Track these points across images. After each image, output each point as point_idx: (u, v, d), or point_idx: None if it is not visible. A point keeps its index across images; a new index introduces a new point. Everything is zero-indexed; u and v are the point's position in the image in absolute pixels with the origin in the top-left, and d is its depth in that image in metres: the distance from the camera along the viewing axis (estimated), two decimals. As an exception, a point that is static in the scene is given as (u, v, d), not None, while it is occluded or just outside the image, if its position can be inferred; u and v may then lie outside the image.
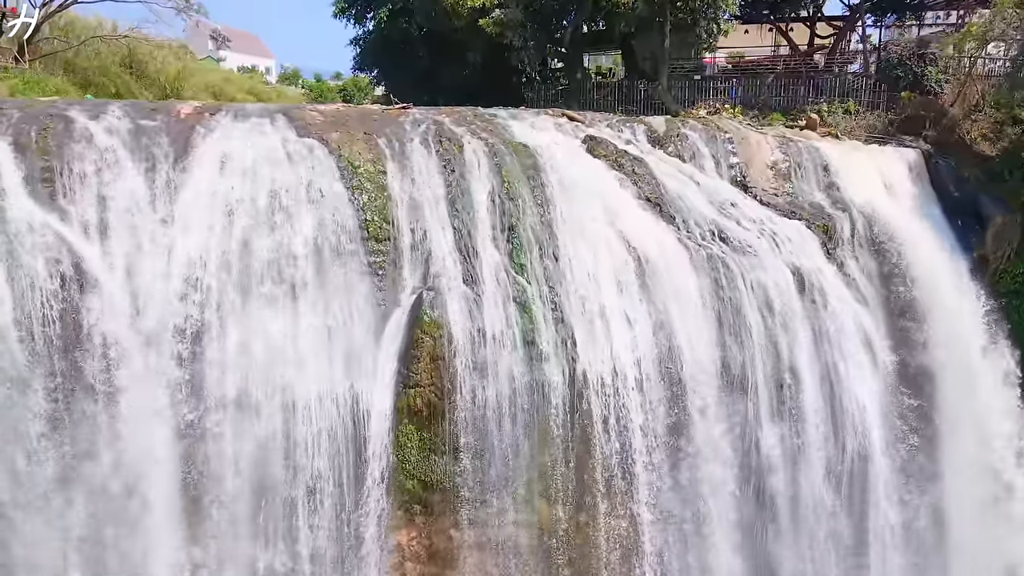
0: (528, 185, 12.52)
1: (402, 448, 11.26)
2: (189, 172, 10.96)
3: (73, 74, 24.15)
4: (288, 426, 10.58)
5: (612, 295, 11.96)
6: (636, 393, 11.70)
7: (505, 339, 11.27)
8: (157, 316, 10.23)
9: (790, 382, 12.87)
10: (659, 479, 11.97)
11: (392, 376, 11.07)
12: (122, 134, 11.08)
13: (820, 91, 20.47)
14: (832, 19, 26.30)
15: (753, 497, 12.68)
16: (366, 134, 12.42)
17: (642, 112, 20.67)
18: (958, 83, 18.87)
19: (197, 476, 10.23)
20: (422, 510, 11.51)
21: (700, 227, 13.40)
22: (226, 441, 10.31)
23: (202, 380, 10.30)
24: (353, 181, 11.66)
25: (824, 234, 14.55)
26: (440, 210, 11.92)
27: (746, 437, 12.62)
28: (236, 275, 10.60)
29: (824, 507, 12.99)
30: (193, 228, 10.60)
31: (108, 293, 10.12)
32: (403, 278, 11.46)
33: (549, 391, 11.41)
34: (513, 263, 11.88)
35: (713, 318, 12.47)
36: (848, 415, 13.14)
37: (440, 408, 11.17)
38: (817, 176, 15.87)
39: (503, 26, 19.97)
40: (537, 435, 11.52)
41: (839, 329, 13.39)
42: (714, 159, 15.47)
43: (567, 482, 11.68)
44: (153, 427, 10.01)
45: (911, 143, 17.94)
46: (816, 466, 12.82)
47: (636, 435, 11.70)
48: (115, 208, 10.48)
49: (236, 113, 12.24)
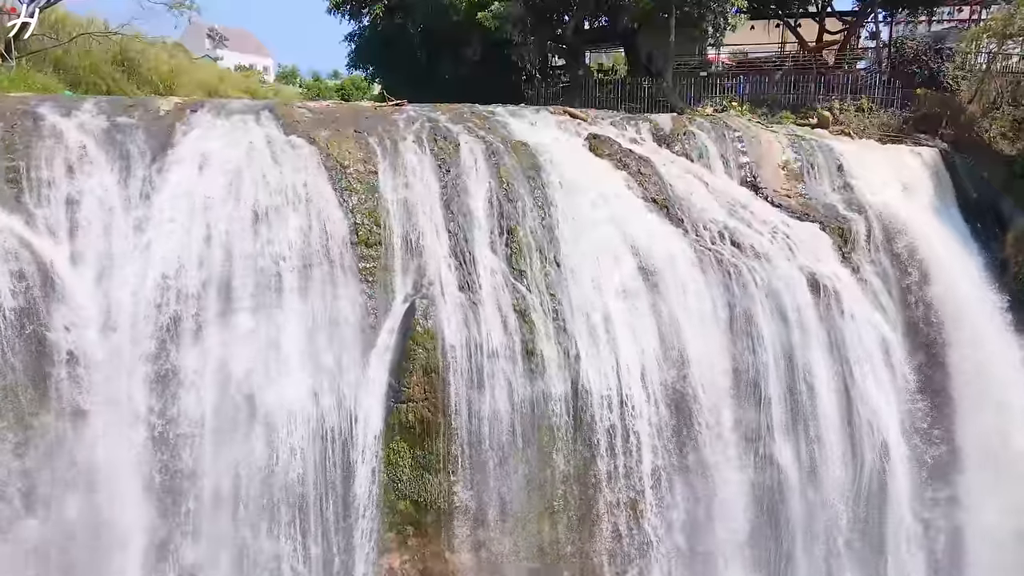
0: (528, 186, 11.84)
1: (393, 466, 10.57)
2: (166, 172, 10.28)
3: (63, 72, 23.55)
4: (269, 444, 9.89)
5: (617, 303, 11.25)
6: (643, 406, 10.99)
7: (504, 350, 10.57)
8: (129, 325, 9.54)
9: (805, 393, 12.16)
10: (667, 497, 11.27)
11: (382, 390, 10.37)
12: (95, 132, 10.42)
13: (831, 88, 19.78)
14: (842, 15, 25.63)
15: (766, 515, 11.96)
16: (356, 132, 11.74)
17: (646, 110, 20.02)
18: (975, 80, 18.16)
19: (169, 497, 9.53)
20: (415, 532, 10.81)
21: (710, 230, 12.68)
22: (201, 461, 9.61)
23: (176, 393, 9.61)
24: (342, 182, 10.98)
25: (839, 237, 13.84)
26: (435, 213, 11.23)
27: (759, 451, 11.91)
28: (215, 282, 9.91)
29: (840, 527, 12.27)
30: (169, 232, 9.91)
31: (76, 301, 9.45)
32: (395, 285, 10.77)
33: (551, 405, 10.71)
34: (512, 269, 11.18)
35: (724, 327, 11.77)
36: (866, 428, 12.42)
37: (434, 424, 10.47)
38: (831, 176, 15.16)
39: (502, 20, 19.30)
40: (538, 452, 10.82)
41: (856, 337, 12.68)
42: (723, 158, 14.76)
43: (570, 501, 10.98)
44: (122, 444, 9.32)
45: (927, 142, 17.25)
46: (832, 482, 12.09)
47: (643, 451, 11.00)
48: (86, 210, 9.81)
49: (219, 110, 11.57)
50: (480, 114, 13.34)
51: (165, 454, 9.51)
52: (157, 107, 11.45)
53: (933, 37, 19.39)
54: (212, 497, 9.63)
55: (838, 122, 18.25)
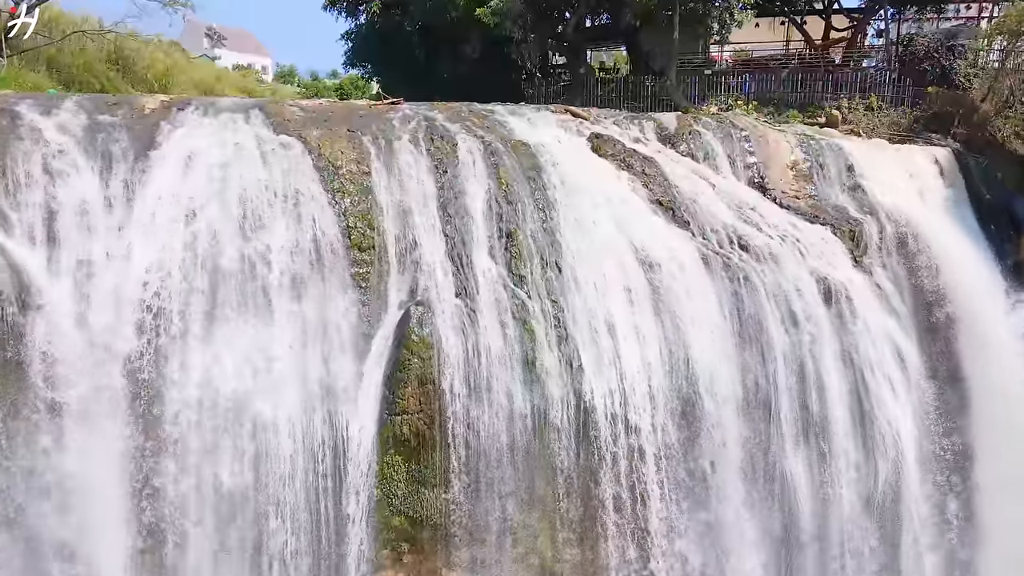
0: (528, 187, 11.37)
1: (388, 481, 10.10)
2: (149, 173, 9.83)
3: (57, 71, 23.16)
4: (258, 458, 9.42)
5: (621, 309, 10.76)
6: (648, 418, 10.51)
7: (503, 359, 10.09)
8: (110, 334, 9.08)
9: (817, 403, 11.68)
10: (674, 512, 10.79)
11: (376, 402, 9.90)
12: (76, 131, 9.98)
13: (839, 86, 19.29)
14: (850, 11, 25.14)
15: (780, 528, 11.48)
16: (350, 131, 11.27)
17: (649, 109, 19.54)
18: (988, 77, 17.67)
19: (152, 517, 9.06)
20: (410, 548, 10.34)
21: (717, 233, 12.21)
22: (186, 475, 9.14)
23: (160, 406, 9.15)
24: (334, 183, 10.52)
25: (850, 240, 13.37)
26: (431, 215, 10.76)
27: (769, 464, 11.43)
28: (200, 288, 9.44)
29: (854, 543, 11.79)
30: (152, 236, 9.45)
31: (54, 309, 8.99)
32: (389, 291, 10.29)
33: (552, 417, 10.23)
34: (512, 274, 10.70)
35: (733, 334, 11.29)
36: (880, 438, 11.94)
37: (430, 437, 10.00)
38: (841, 177, 14.67)
39: (502, 17, 18.81)
40: (539, 465, 10.34)
41: (870, 344, 12.20)
42: (730, 158, 14.28)
43: (572, 517, 10.50)
44: (101, 460, 8.85)
45: (939, 141, 16.77)
46: (846, 497, 11.61)
47: (648, 465, 10.51)
48: (65, 213, 9.35)
49: (206, 108, 11.11)
50: (479, 113, 12.88)
51: (144, 468, 9.04)
52: (142, 105, 11.00)
53: (945, 34, 18.85)
54: (196, 516, 9.16)
55: (846, 121, 17.79)
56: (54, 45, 23.22)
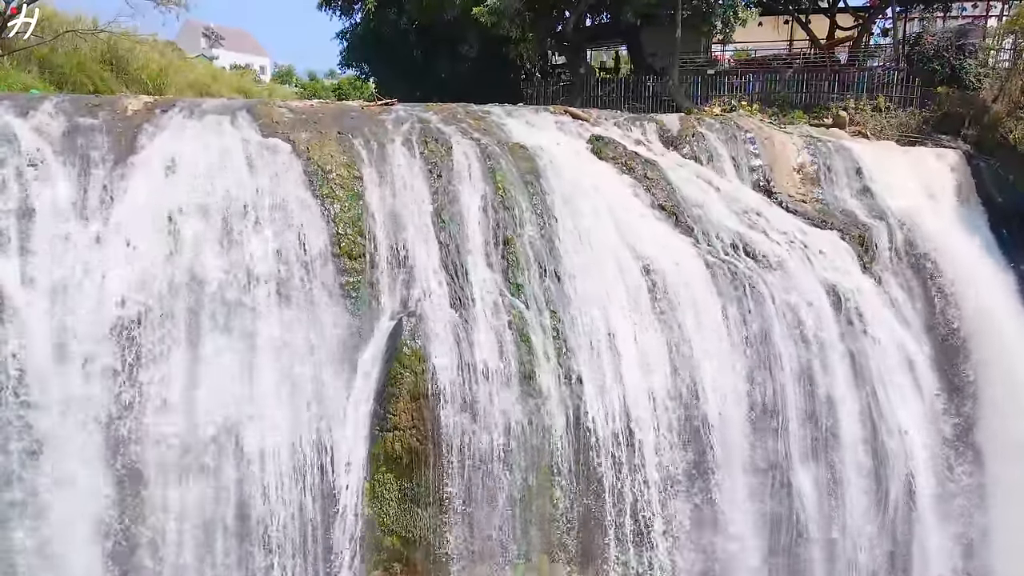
0: (526, 192, 10.94)
1: (379, 500, 9.66)
2: (129, 179, 9.39)
3: (49, 71, 22.73)
4: (242, 479, 8.98)
5: (623, 320, 10.33)
6: (651, 435, 10.08)
7: (499, 373, 9.64)
8: (87, 349, 8.64)
9: (827, 416, 11.24)
10: (678, 533, 10.36)
11: (367, 418, 9.47)
12: (53, 134, 9.54)
13: (846, 86, 18.81)
14: (856, 10, 24.66)
15: (785, 550, 11.05)
16: (340, 134, 10.84)
17: (651, 110, 19.11)
18: (999, 77, 17.21)
19: (129, 543, 8.63)
20: (403, 569, 9.90)
21: (722, 239, 11.80)
22: (167, 498, 8.71)
23: (139, 425, 8.70)
24: (323, 188, 10.08)
25: (859, 246, 12.95)
26: (424, 222, 10.33)
27: (776, 481, 11.00)
28: (182, 300, 9.01)
29: (863, 559, 11.36)
30: (131, 245, 9.01)
31: (28, 323, 8.55)
32: (380, 302, 9.87)
33: (550, 434, 9.79)
34: (509, 283, 10.27)
35: (739, 345, 10.85)
36: (891, 454, 11.50)
37: (423, 454, 9.55)
38: (849, 180, 14.24)
39: (499, 16, 18.36)
40: (536, 484, 9.90)
41: (880, 355, 11.76)
42: (734, 161, 13.86)
43: (571, 537, 10.06)
44: (78, 483, 8.42)
45: (949, 143, 16.31)
46: (856, 515, 11.18)
47: (651, 484, 10.08)
48: (39, 221, 8.91)
49: (191, 110, 10.67)
50: (475, 114, 12.45)
51: (125, 493, 8.60)
52: (124, 107, 10.55)
53: (955, 32, 18.38)
54: (177, 540, 8.72)
55: (854, 122, 17.33)
56: (47, 45, 22.82)
